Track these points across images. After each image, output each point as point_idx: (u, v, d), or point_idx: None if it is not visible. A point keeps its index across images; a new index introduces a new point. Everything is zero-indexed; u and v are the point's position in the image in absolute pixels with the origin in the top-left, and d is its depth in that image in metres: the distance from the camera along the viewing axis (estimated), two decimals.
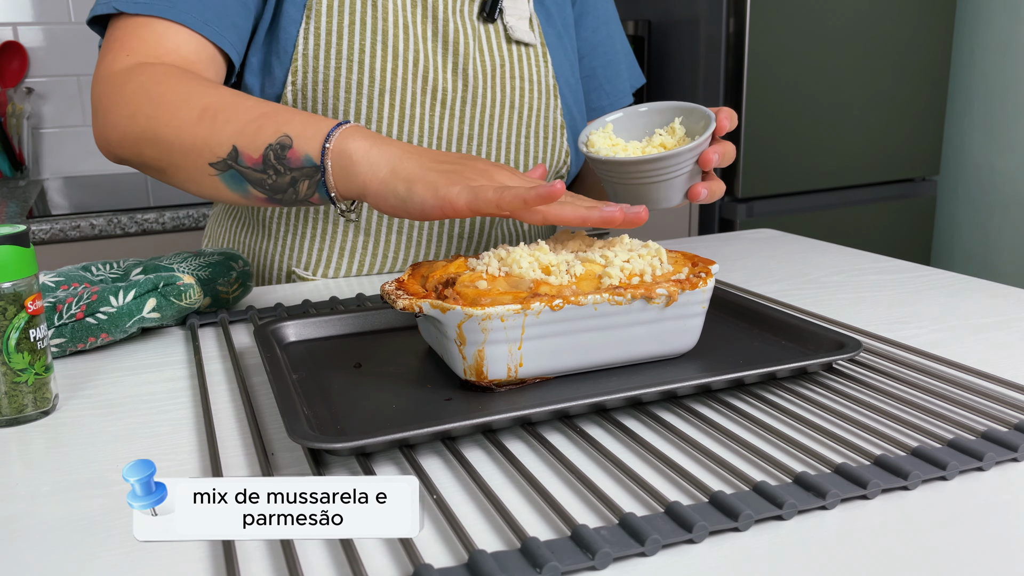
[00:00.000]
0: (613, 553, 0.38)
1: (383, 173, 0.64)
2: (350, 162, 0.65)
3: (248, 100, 0.72)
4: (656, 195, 0.70)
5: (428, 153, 0.66)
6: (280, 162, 0.68)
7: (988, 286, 0.82)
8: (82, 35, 1.98)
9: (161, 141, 0.71)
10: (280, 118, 0.69)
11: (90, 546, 0.41)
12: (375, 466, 0.48)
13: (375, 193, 0.64)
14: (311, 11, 0.83)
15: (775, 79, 1.95)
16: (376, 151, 0.65)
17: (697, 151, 0.69)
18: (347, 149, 0.66)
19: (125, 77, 0.74)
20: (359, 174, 0.65)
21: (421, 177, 0.62)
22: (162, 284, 0.68)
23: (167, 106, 0.71)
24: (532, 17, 0.93)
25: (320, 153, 0.66)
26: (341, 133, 0.66)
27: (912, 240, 2.26)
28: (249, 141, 0.68)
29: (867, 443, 0.49)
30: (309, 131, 0.67)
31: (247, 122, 0.69)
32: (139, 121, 0.72)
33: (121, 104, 0.73)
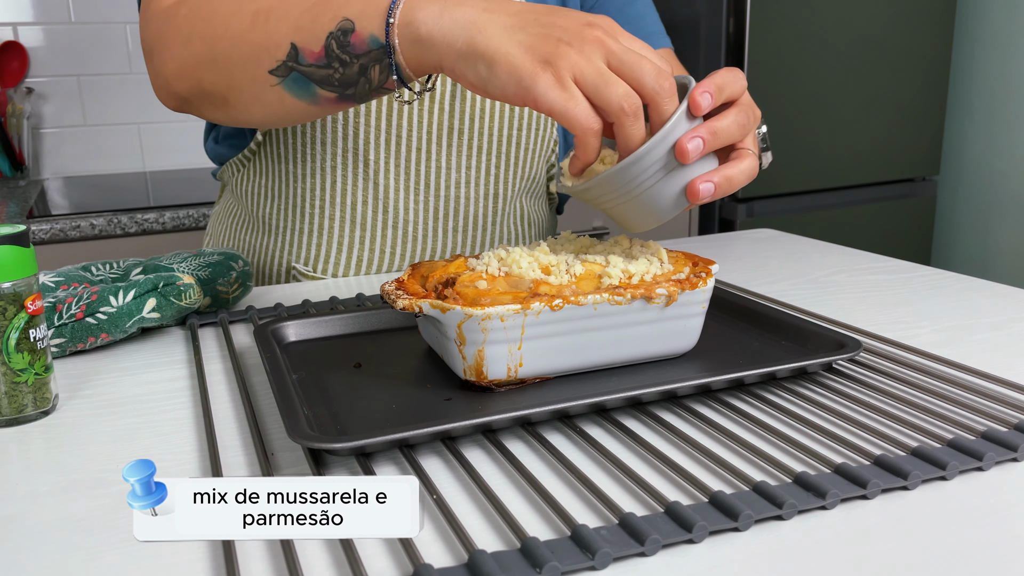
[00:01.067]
0: (613, 553, 0.38)
1: (460, 44, 0.55)
2: (420, 35, 0.57)
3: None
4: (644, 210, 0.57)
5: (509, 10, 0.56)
6: (344, 50, 0.61)
7: (988, 286, 0.82)
8: (82, 35, 1.98)
9: (218, 59, 0.68)
10: (336, 1, 0.62)
11: (90, 546, 0.41)
12: (375, 466, 0.48)
13: (452, 68, 0.57)
14: None
15: (775, 79, 1.95)
16: (448, 16, 0.56)
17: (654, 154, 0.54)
18: (415, 20, 0.58)
19: (175, 8, 0.72)
20: (433, 47, 0.57)
21: (504, 54, 0.53)
22: (162, 284, 0.68)
23: (219, 20, 0.68)
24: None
25: (385, 31, 0.59)
26: (404, 3, 0.58)
27: (912, 240, 2.26)
28: (307, 35, 0.62)
29: (867, 443, 0.49)
30: (370, 8, 0.60)
31: (301, 14, 0.63)
32: (194, 44, 0.69)
33: (175, 32, 0.71)
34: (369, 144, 0.86)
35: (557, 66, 0.52)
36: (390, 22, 0.59)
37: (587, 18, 0.55)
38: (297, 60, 0.63)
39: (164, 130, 2.08)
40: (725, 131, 0.56)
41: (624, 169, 0.54)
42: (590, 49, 0.53)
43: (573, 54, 0.52)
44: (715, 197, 0.57)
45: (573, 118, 0.52)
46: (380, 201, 0.89)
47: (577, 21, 0.54)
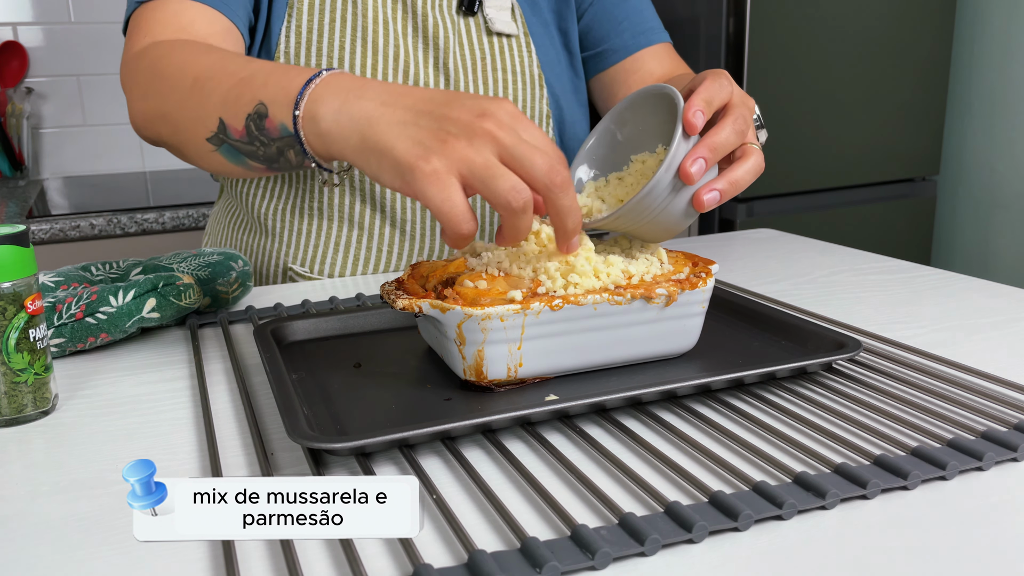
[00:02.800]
0: (613, 553, 0.38)
1: (354, 140, 0.55)
2: (321, 130, 0.57)
3: (234, 62, 0.66)
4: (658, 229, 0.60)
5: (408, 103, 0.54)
6: (262, 133, 0.61)
7: (988, 286, 0.82)
8: (82, 35, 1.98)
9: (167, 118, 0.69)
10: (257, 81, 0.62)
11: (90, 546, 0.41)
12: (375, 466, 0.48)
13: (353, 161, 0.56)
14: (292, 9, 0.84)
15: (775, 79, 1.95)
16: (346, 112, 0.56)
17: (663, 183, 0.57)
18: (317, 114, 0.57)
19: (139, 58, 0.73)
20: (333, 142, 0.56)
21: (391, 149, 0.52)
22: (162, 284, 0.68)
23: (168, 79, 0.69)
24: (514, 7, 0.93)
25: (292, 121, 0.58)
26: (311, 95, 0.58)
27: (912, 240, 2.26)
28: (232, 112, 0.63)
29: (867, 443, 0.49)
30: (282, 95, 0.59)
31: (228, 90, 0.63)
32: (149, 100, 0.71)
33: (137, 85, 0.73)
34: None
35: (441, 161, 0.50)
36: (296, 114, 0.58)
37: (483, 107, 0.52)
38: (226, 134, 0.64)
39: None
40: (724, 143, 0.58)
41: (637, 204, 0.57)
42: (480, 142, 0.51)
43: (461, 147, 0.50)
44: (723, 201, 0.59)
45: (447, 218, 0.50)
46: (377, 201, 0.89)
47: (472, 111, 0.52)
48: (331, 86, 0.58)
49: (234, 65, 0.65)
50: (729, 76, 0.61)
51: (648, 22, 0.99)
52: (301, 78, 0.59)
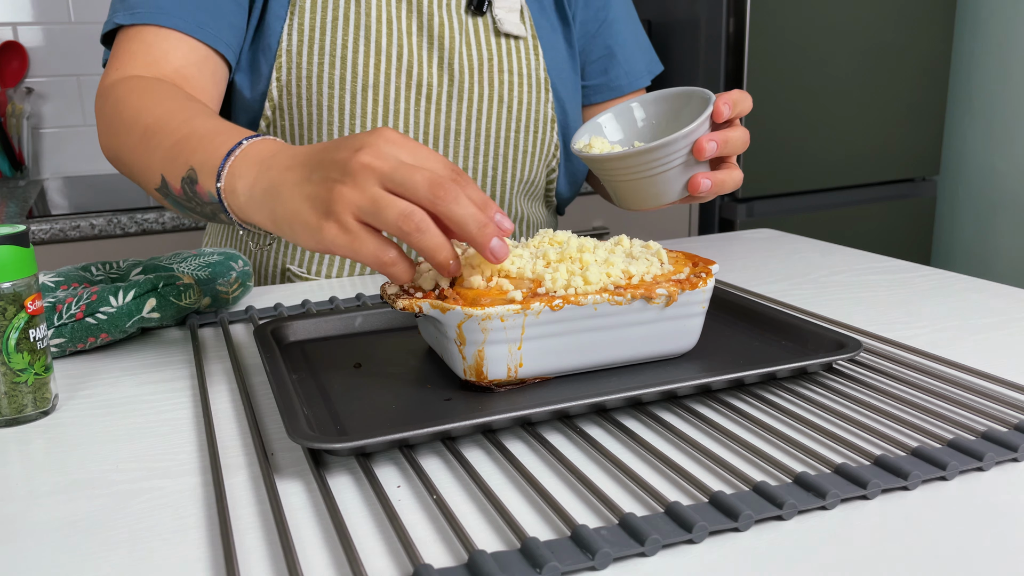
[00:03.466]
0: (613, 553, 0.38)
1: (266, 213, 0.55)
2: (239, 204, 0.58)
3: (178, 117, 0.66)
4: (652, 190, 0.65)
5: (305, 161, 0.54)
6: (195, 196, 0.62)
7: (988, 286, 0.82)
8: (82, 35, 1.98)
9: (123, 161, 0.71)
10: (191, 144, 0.62)
11: (90, 546, 0.41)
12: (375, 466, 0.48)
13: (276, 232, 0.56)
14: (295, 7, 0.83)
15: (775, 79, 1.95)
16: (258, 187, 0.56)
17: (686, 141, 0.63)
18: (235, 189, 0.58)
19: (107, 94, 0.74)
20: (252, 216, 0.57)
21: (295, 215, 0.53)
22: (162, 284, 0.68)
23: (125, 124, 0.70)
24: (523, 9, 0.92)
25: (216, 192, 0.59)
26: (230, 168, 0.58)
27: (912, 240, 2.26)
28: (170, 171, 0.64)
29: (867, 443, 0.49)
30: (208, 164, 0.60)
31: (168, 148, 0.64)
32: (110, 139, 0.72)
33: (102, 122, 0.74)
34: None
35: (336, 211, 0.50)
36: (219, 186, 0.59)
37: (361, 142, 0.52)
38: (167, 189, 0.65)
39: None
40: (732, 143, 0.65)
41: (654, 149, 0.62)
42: (361, 179, 0.50)
43: (347, 191, 0.50)
44: (708, 193, 0.66)
45: (364, 257, 0.51)
46: None
47: (349, 149, 0.51)
48: (248, 158, 0.58)
49: (176, 121, 0.65)
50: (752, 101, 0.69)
51: (638, 64, 1.01)
52: (225, 147, 0.59)
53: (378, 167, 0.50)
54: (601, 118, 0.73)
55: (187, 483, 0.47)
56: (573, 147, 0.70)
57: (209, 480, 0.47)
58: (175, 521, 0.43)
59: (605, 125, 0.72)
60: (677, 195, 0.66)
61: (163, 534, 0.42)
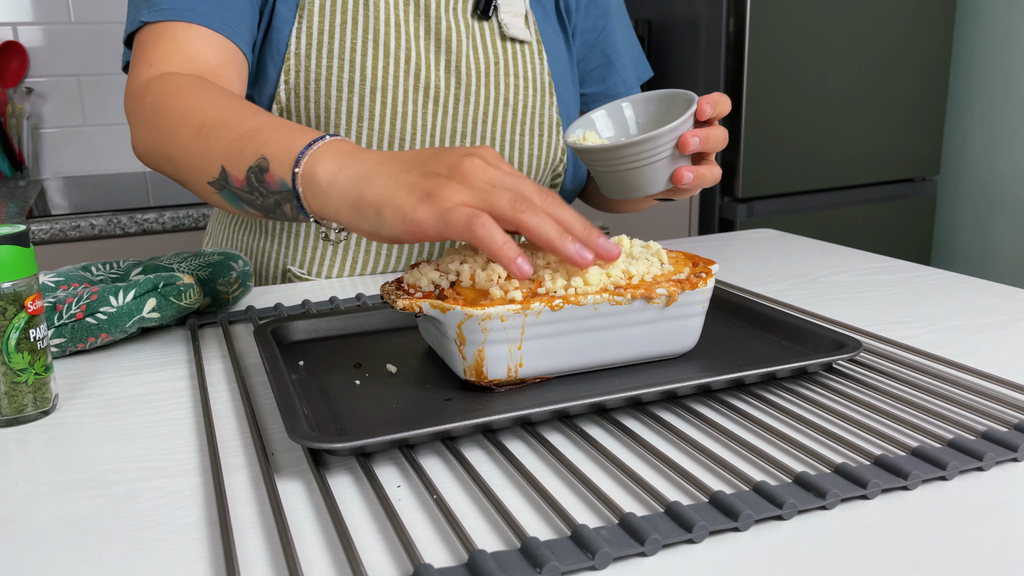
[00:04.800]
0: (613, 553, 0.38)
1: (351, 198, 0.57)
2: (319, 189, 0.59)
3: (240, 113, 0.68)
4: (639, 181, 0.70)
5: (401, 159, 0.58)
6: (261, 185, 0.63)
7: (988, 286, 0.82)
8: (82, 35, 1.98)
9: (171, 158, 0.71)
10: (261, 136, 0.64)
11: (90, 546, 0.41)
12: (375, 466, 0.48)
13: (349, 221, 0.58)
14: (303, 11, 0.83)
15: (775, 79, 1.95)
16: (344, 174, 0.58)
17: (672, 135, 0.68)
18: (315, 174, 0.59)
19: (145, 90, 0.74)
20: (329, 202, 0.59)
21: (389, 199, 0.55)
22: (162, 284, 0.68)
23: (174, 120, 0.70)
24: (528, 14, 0.93)
25: (292, 178, 0.60)
26: (312, 155, 0.60)
27: (912, 240, 2.26)
28: (234, 162, 0.65)
29: (867, 443, 0.49)
30: (283, 152, 0.61)
31: (232, 140, 0.65)
32: (154, 137, 0.72)
33: (142, 119, 0.73)
34: (371, 147, 0.86)
35: (440, 196, 0.52)
36: (296, 171, 0.60)
37: (468, 150, 0.56)
38: (227, 181, 0.66)
39: None
40: (714, 140, 0.69)
41: (642, 142, 0.66)
42: (471, 178, 0.53)
43: (455, 184, 0.53)
44: (690, 186, 0.69)
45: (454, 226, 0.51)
46: None
47: (458, 154, 0.55)
48: (332, 149, 0.60)
49: (240, 116, 0.67)
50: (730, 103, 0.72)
51: (632, 73, 1.03)
52: (305, 138, 0.61)
53: (490, 171, 0.54)
54: (594, 114, 0.76)
55: (187, 483, 0.47)
56: (566, 139, 0.73)
57: (209, 480, 0.47)
58: (175, 521, 0.43)
59: (597, 120, 0.76)
60: (662, 186, 0.70)
61: (163, 534, 0.42)
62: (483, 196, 0.52)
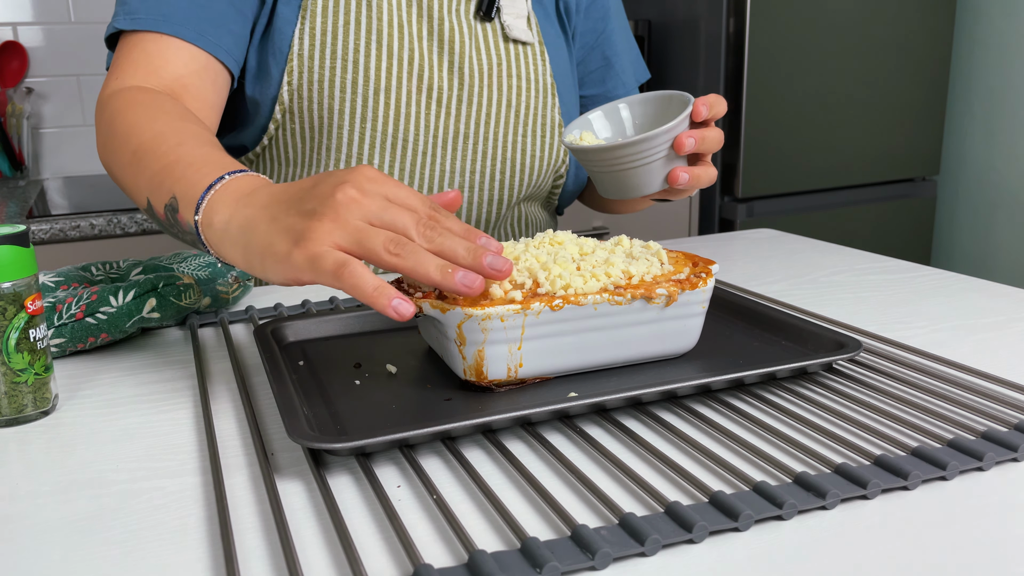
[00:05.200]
0: (613, 553, 0.38)
1: (241, 246, 0.54)
2: (216, 237, 0.57)
3: (167, 141, 0.65)
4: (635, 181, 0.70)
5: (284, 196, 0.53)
6: (175, 225, 0.61)
7: (988, 286, 0.82)
8: (82, 35, 1.98)
9: (115, 176, 0.71)
10: (176, 172, 0.62)
11: (90, 546, 0.41)
12: (375, 466, 0.48)
13: (246, 269, 0.55)
14: (306, 11, 0.83)
15: (775, 79, 1.95)
16: (235, 222, 0.55)
17: (668, 135, 0.67)
18: (212, 223, 0.57)
19: (104, 105, 0.74)
20: (224, 249, 0.56)
21: (268, 246, 0.51)
22: (162, 284, 0.68)
23: (117, 141, 0.69)
24: (530, 15, 0.93)
25: (195, 224, 0.58)
26: (208, 202, 0.57)
27: (912, 240, 2.26)
28: (155, 196, 0.63)
29: (867, 443, 0.49)
30: (190, 194, 0.59)
31: (155, 173, 0.64)
32: (104, 152, 0.72)
33: (100, 134, 0.74)
34: (374, 149, 0.86)
35: (311, 239, 0.49)
36: (196, 219, 0.58)
37: (342, 178, 0.52)
38: (152, 213, 0.65)
39: None
40: (709, 140, 0.68)
41: (639, 142, 0.66)
42: (344, 212, 0.50)
43: (327, 224, 0.49)
44: (686, 186, 0.68)
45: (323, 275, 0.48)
46: None
47: (332, 183, 0.51)
48: (228, 193, 0.57)
49: (166, 145, 0.65)
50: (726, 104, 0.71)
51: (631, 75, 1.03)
52: (206, 180, 0.58)
53: (364, 203, 0.50)
54: (591, 115, 0.77)
55: (187, 483, 0.47)
56: (564, 139, 0.74)
57: (209, 480, 0.47)
58: (175, 521, 0.43)
59: (594, 121, 0.77)
60: (657, 187, 0.70)
61: (163, 534, 0.42)
62: (355, 238, 0.49)
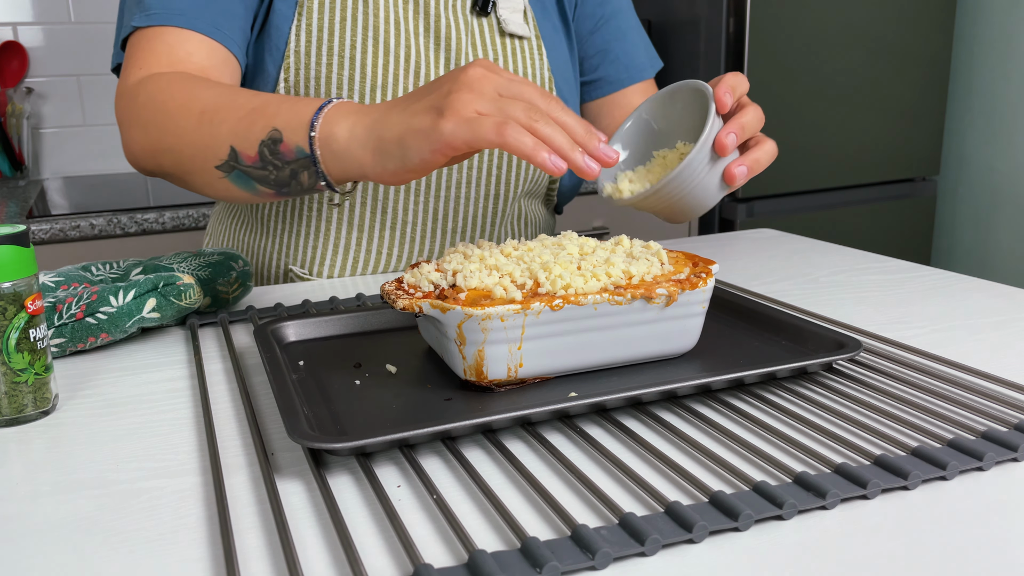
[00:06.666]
0: (613, 553, 0.38)
1: (372, 144, 0.61)
2: (339, 146, 0.63)
3: (242, 96, 0.70)
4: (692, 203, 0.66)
5: (407, 96, 0.61)
6: (276, 157, 0.66)
7: (988, 286, 0.82)
8: (82, 35, 1.98)
9: (172, 150, 0.72)
10: (268, 110, 0.67)
11: (90, 546, 0.41)
12: (375, 466, 0.48)
13: (374, 167, 0.61)
14: (303, 8, 0.83)
15: (775, 79, 1.95)
16: (360, 126, 0.62)
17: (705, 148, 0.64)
18: (332, 134, 0.63)
19: (136, 90, 0.74)
20: (351, 156, 0.62)
21: (408, 127, 0.58)
22: (162, 284, 0.68)
23: (171, 114, 0.71)
24: (527, 9, 0.93)
25: (308, 143, 0.64)
26: (324, 118, 0.64)
27: (912, 240, 2.26)
28: (243, 139, 0.67)
29: (867, 443, 0.49)
30: (295, 121, 0.65)
31: (239, 120, 0.68)
32: (151, 133, 0.73)
33: (135, 118, 0.74)
34: None
35: (457, 107, 0.56)
36: (312, 136, 0.64)
37: (462, 67, 0.59)
38: (237, 161, 0.68)
39: None
40: (750, 124, 0.66)
41: (678, 175, 0.62)
42: (479, 85, 0.57)
43: (464, 95, 0.56)
44: (749, 177, 0.66)
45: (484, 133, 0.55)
46: (379, 203, 0.89)
47: (456, 72, 0.59)
48: (341, 109, 0.64)
49: (241, 98, 0.69)
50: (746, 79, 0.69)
51: (640, 57, 1.02)
52: (313, 105, 0.65)
53: (493, 78, 0.57)
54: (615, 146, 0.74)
55: (187, 483, 0.47)
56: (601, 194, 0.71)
57: (209, 480, 0.47)
58: (175, 521, 0.43)
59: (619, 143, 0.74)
60: (718, 195, 0.67)
61: (163, 534, 0.42)
62: (497, 105, 0.55)
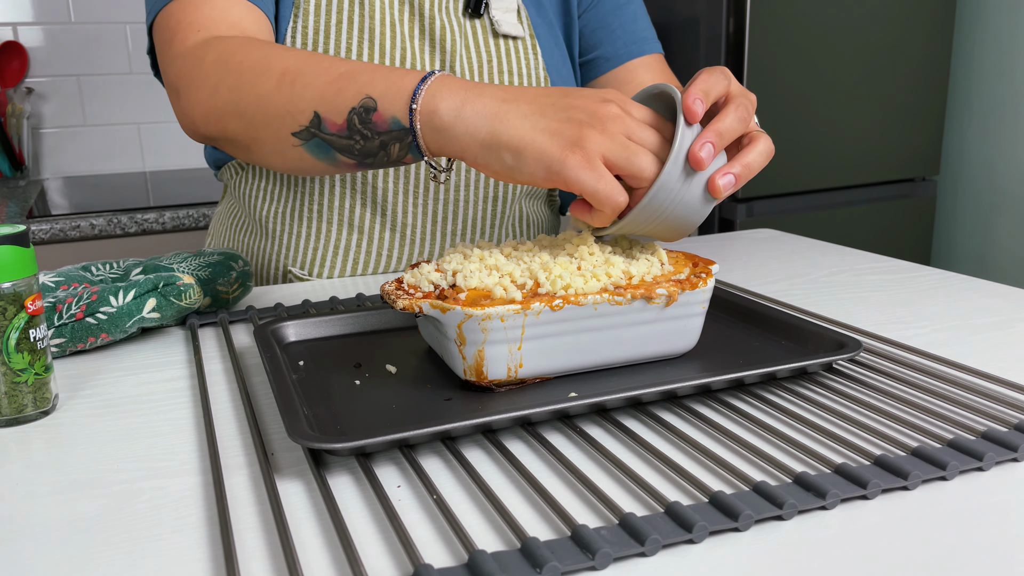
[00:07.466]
0: (613, 553, 0.38)
1: (482, 135, 0.57)
2: (442, 124, 0.59)
3: (326, 60, 0.67)
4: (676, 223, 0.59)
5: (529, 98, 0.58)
6: (366, 126, 0.63)
7: (988, 286, 0.82)
8: (82, 35, 1.98)
9: (244, 113, 0.68)
10: (361, 77, 0.63)
11: (90, 546, 0.41)
12: (375, 466, 0.48)
13: (475, 157, 0.58)
14: (299, 10, 0.83)
15: (775, 79, 1.95)
16: (469, 108, 0.58)
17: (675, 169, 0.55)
18: (437, 109, 0.59)
19: (202, 51, 0.71)
20: (455, 137, 0.59)
21: (531, 143, 0.55)
22: (162, 284, 0.68)
23: (247, 75, 0.68)
24: (520, 9, 0.93)
25: (408, 115, 0.60)
26: (427, 90, 0.60)
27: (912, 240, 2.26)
28: (330, 106, 0.64)
29: (867, 443, 0.49)
30: (392, 90, 0.61)
31: (326, 84, 0.64)
32: (221, 94, 0.69)
33: (202, 79, 0.71)
34: None
35: (585, 148, 0.54)
36: (413, 108, 0.60)
37: (601, 95, 0.57)
38: (320, 128, 0.64)
39: (164, 130, 2.08)
40: (729, 129, 0.57)
41: (649, 202, 0.56)
42: (612, 127, 0.55)
43: (596, 135, 0.54)
44: (739, 185, 0.58)
45: (605, 197, 0.54)
46: (379, 205, 0.89)
47: (593, 100, 0.56)
48: (448, 83, 0.60)
49: (326, 62, 0.66)
50: (727, 71, 0.61)
51: (641, 32, 1.00)
52: (413, 75, 0.62)
53: (627, 121, 0.56)
54: None
55: (187, 483, 0.47)
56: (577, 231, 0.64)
57: (209, 480, 0.47)
58: (175, 521, 0.43)
59: None
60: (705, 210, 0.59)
61: (163, 534, 0.42)
62: (624, 154, 0.55)
